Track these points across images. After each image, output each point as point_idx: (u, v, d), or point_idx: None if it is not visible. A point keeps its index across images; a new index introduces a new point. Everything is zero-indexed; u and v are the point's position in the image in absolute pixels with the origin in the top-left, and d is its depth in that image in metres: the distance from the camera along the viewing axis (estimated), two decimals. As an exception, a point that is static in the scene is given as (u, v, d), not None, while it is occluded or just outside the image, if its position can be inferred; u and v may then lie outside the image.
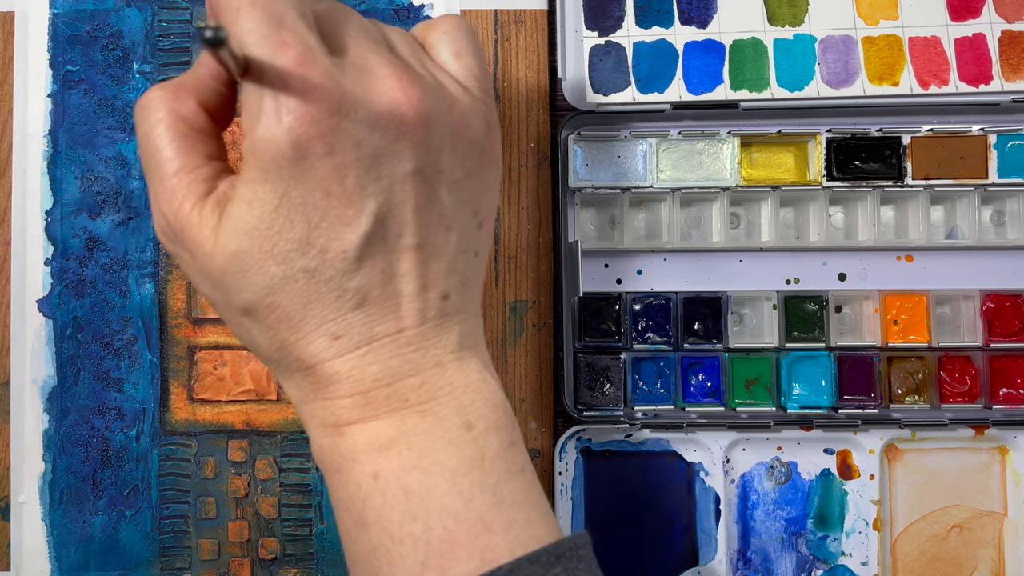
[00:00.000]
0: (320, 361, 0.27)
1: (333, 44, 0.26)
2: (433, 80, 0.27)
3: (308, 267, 0.26)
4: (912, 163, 0.43)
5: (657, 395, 0.43)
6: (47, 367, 0.43)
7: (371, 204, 0.26)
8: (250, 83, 0.25)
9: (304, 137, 0.25)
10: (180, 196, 0.26)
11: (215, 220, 0.26)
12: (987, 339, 0.43)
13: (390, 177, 0.26)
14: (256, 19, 0.25)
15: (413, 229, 0.27)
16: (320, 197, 0.25)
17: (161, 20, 0.44)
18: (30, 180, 0.43)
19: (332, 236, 0.26)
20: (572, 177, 0.43)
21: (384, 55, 0.26)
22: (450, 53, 0.29)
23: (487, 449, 0.28)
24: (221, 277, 0.26)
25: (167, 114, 0.27)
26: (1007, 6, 0.44)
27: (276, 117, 0.24)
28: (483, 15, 0.44)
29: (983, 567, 0.44)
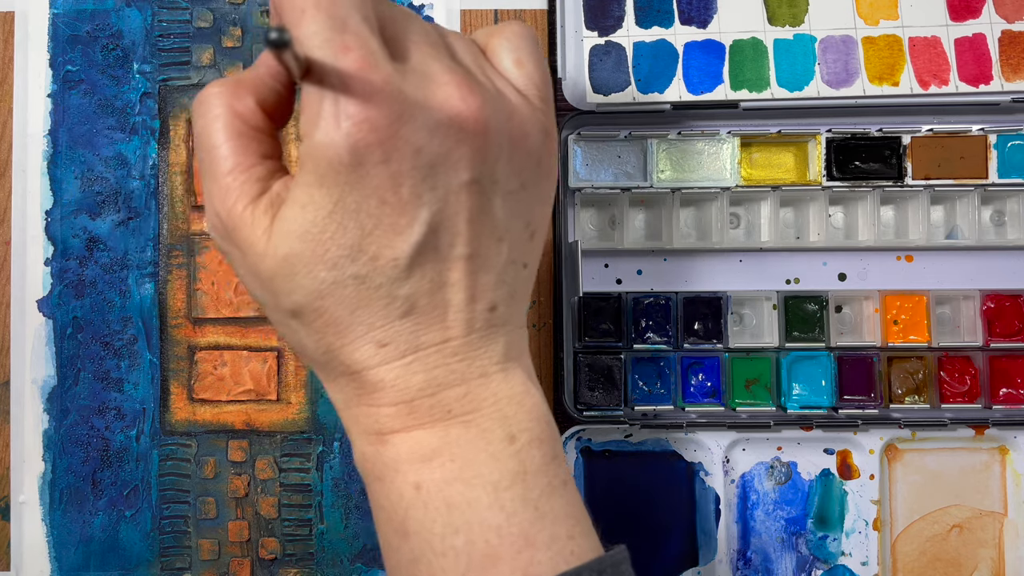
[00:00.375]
0: (365, 368, 0.27)
1: (395, 48, 0.26)
2: (494, 88, 0.27)
3: (359, 273, 0.26)
4: (912, 163, 0.43)
5: (657, 395, 0.43)
6: (47, 367, 0.43)
7: (424, 213, 0.26)
8: (311, 86, 0.25)
9: (363, 143, 0.24)
10: (234, 195, 0.26)
11: (267, 221, 0.26)
12: (987, 339, 0.43)
13: (445, 187, 0.26)
14: (320, 22, 0.24)
15: (465, 239, 0.26)
16: (375, 204, 0.25)
17: (161, 20, 0.44)
18: (30, 180, 0.43)
19: (384, 244, 0.26)
20: (572, 177, 0.43)
21: (446, 61, 0.26)
22: (512, 61, 0.29)
23: (530, 463, 0.27)
24: (271, 279, 0.26)
25: (224, 111, 0.27)
26: (1007, 6, 0.44)
27: (335, 122, 0.24)
28: (483, 15, 0.44)
29: (983, 567, 0.44)
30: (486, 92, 0.26)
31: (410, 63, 0.26)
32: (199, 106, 0.27)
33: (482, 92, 0.26)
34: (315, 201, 0.25)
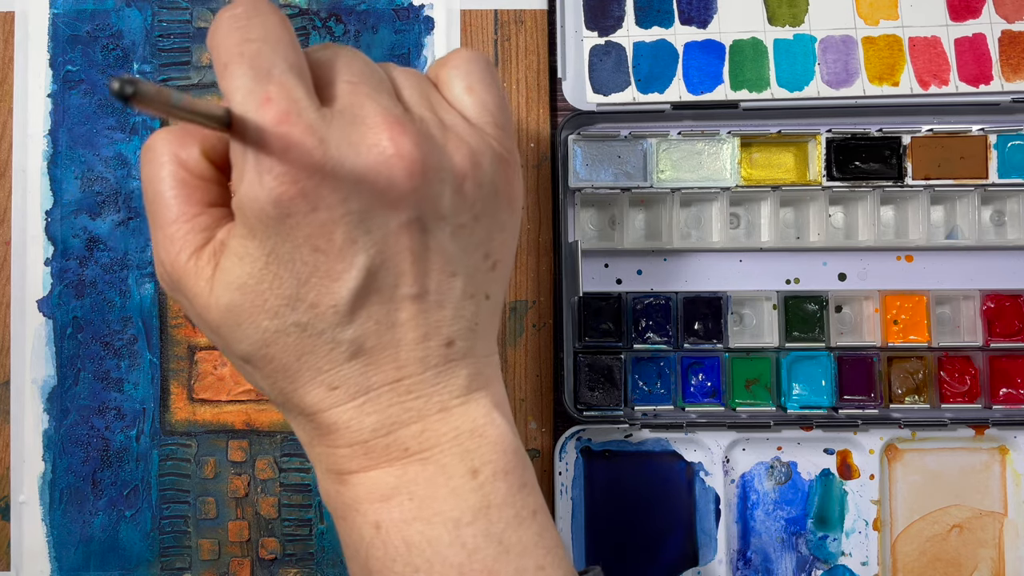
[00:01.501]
0: (318, 410, 0.27)
1: (326, 93, 0.26)
2: (436, 123, 0.27)
3: (299, 321, 0.26)
4: (912, 163, 0.43)
5: (657, 395, 0.43)
6: (47, 367, 0.43)
7: (361, 258, 0.25)
8: (235, 139, 0.24)
9: (285, 196, 0.24)
10: (178, 245, 0.26)
11: (211, 271, 0.26)
12: (987, 339, 0.43)
13: (383, 229, 0.25)
14: (243, 74, 0.24)
15: (411, 278, 0.26)
16: (308, 253, 0.25)
17: (161, 20, 0.44)
18: (30, 180, 0.43)
19: (323, 291, 0.25)
20: (572, 177, 0.43)
21: (382, 102, 0.26)
22: (462, 88, 0.28)
23: (494, 496, 0.27)
24: (217, 328, 0.26)
25: (169, 159, 0.27)
26: (1007, 6, 0.44)
27: (257, 176, 0.24)
28: (483, 15, 0.44)
29: (983, 567, 0.44)
30: (421, 130, 0.26)
31: (339, 107, 0.25)
32: (145, 154, 0.27)
33: (415, 131, 0.25)
34: (250, 253, 0.25)
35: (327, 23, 0.44)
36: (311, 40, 0.44)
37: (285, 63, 0.24)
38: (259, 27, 0.25)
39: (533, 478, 0.29)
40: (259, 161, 0.24)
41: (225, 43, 0.25)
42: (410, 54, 0.44)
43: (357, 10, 0.44)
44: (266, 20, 0.25)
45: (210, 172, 0.27)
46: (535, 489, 0.28)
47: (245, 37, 0.25)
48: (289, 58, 0.25)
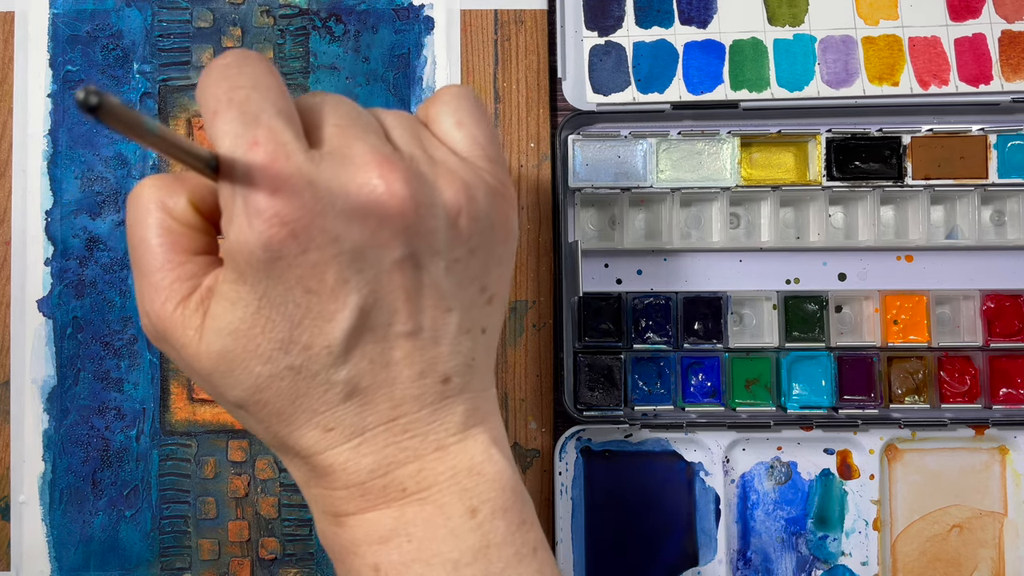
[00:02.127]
0: (314, 453, 0.27)
1: (315, 136, 0.26)
2: (426, 160, 0.26)
3: (293, 364, 0.25)
4: (912, 163, 0.43)
5: (657, 395, 0.43)
6: (47, 367, 0.43)
7: (354, 298, 0.25)
8: (224, 183, 0.24)
9: (275, 239, 0.24)
10: (163, 294, 0.26)
11: (199, 319, 0.26)
12: (987, 339, 0.43)
13: (375, 267, 0.25)
14: (231, 119, 0.24)
15: (405, 316, 0.26)
16: (300, 294, 0.25)
17: (161, 20, 0.44)
18: (30, 180, 0.43)
19: (315, 332, 0.25)
20: (572, 177, 0.43)
21: (370, 141, 0.26)
22: (452, 124, 0.28)
23: (493, 535, 0.27)
24: (209, 376, 0.26)
25: (156, 207, 0.26)
26: (1007, 6, 0.44)
27: (246, 220, 0.24)
28: (483, 15, 0.44)
29: (983, 567, 0.44)
30: (412, 167, 0.26)
31: (327, 148, 0.25)
32: (131, 202, 0.27)
33: (405, 167, 0.25)
34: (241, 298, 0.25)
35: (327, 23, 0.44)
36: (311, 40, 0.44)
37: (273, 108, 0.25)
38: (248, 75, 0.25)
39: (532, 514, 0.28)
40: (248, 204, 0.24)
41: (214, 91, 0.25)
42: (410, 54, 0.44)
43: (357, 10, 0.44)
44: (255, 69, 0.25)
45: (197, 221, 0.27)
46: (535, 525, 0.28)
47: (234, 85, 0.25)
48: (277, 103, 0.25)
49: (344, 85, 0.44)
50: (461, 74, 0.44)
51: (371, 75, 0.44)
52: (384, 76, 0.44)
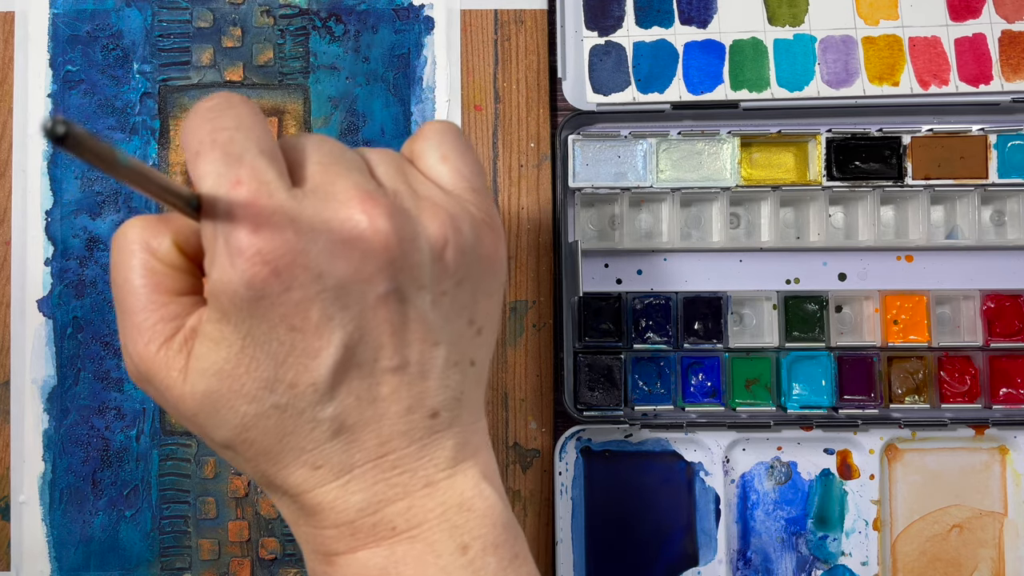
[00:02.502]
0: (303, 491, 0.26)
1: (298, 174, 0.26)
2: (410, 194, 0.26)
3: (279, 403, 0.25)
4: (912, 163, 0.43)
5: (657, 395, 0.43)
6: (47, 367, 0.43)
7: (339, 334, 0.25)
8: (207, 223, 0.24)
9: (258, 278, 0.24)
10: (147, 335, 0.26)
11: (183, 360, 0.26)
12: (987, 339, 0.43)
13: (360, 303, 0.25)
14: (213, 159, 0.24)
15: (391, 351, 0.26)
16: (284, 332, 0.25)
17: (161, 20, 0.44)
18: (30, 180, 0.43)
19: (301, 370, 0.25)
20: (572, 177, 0.43)
21: (353, 178, 0.25)
22: (436, 158, 0.28)
23: (484, 571, 0.27)
24: (194, 416, 0.26)
25: (140, 248, 0.26)
26: (1007, 6, 0.44)
27: (228, 259, 0.24)
28: (483, 15, 0.44)
29: (983, 567, 0.44)
30: (395, 202, 0.26)
31: (310, 186, 0.25)
32: (116, 242, 0.27)
33: (388, 203, 0.25)
34: (225, 337, 0.25)
35: (327, 23, 0.44)
36: (311, 40, 0.44)
37: (256, 148, 0.25)
38: (231, 117, 0.25)
39: (524, 547, 0.28)
40: (229, 243, 0.24)
41: (197, 133, 0.25)
42: (410, 54, 0.44)
43: (357, 10, 0.44)
44: (238, 111, 0.25)
45: (181, 261, 0.27)
46: (527, 559, 0.28)
47: (217, 126, 0.25)
48: (261, 143, 0.25)
49: (344, 85, 0.44)
50: (461, 74, 0.44)
51: (371, 75, 0.44)
52: (384, 76, 0.44)
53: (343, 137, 0.44)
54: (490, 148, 0.44)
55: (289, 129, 0.44)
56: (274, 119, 0.44)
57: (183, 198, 0.24)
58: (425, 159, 0.28)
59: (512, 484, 0.43)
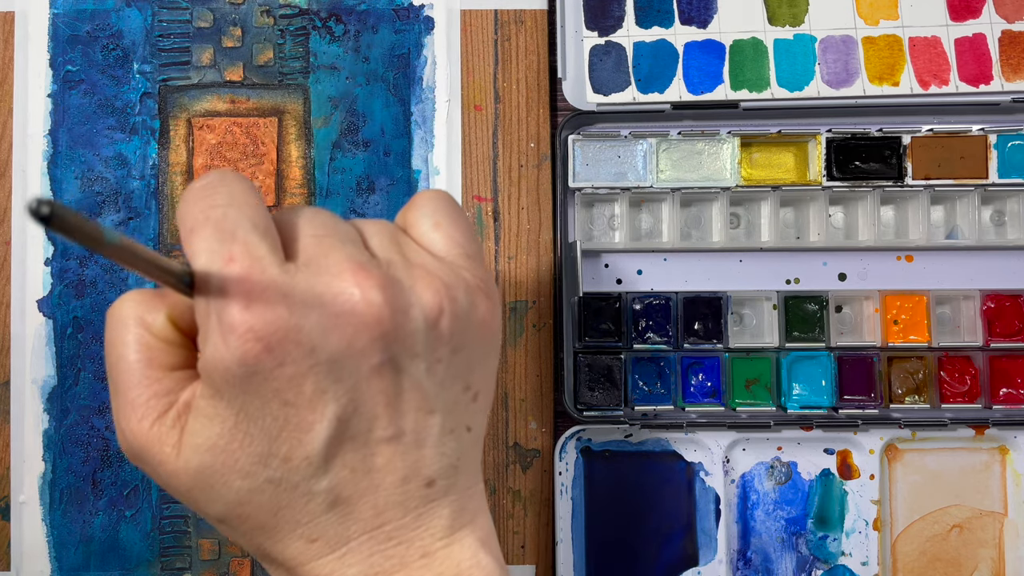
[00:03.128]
0: (299, 564, 0.26)
1: (292, 248, 0.26)
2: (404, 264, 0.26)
3: (273, 477, 0.25)
4: (912, 163, 0.43)
5: (657, 395, 0.43)
6: (47, 367, 0.43)
7: (332, 407, 0.25)
8: (200, 299, 0.25)
9: (251, 354, 0.24)
10: (140, 411, 0.26)
11: (176, 436, 0.26)
12: (987, 339, 0.43)
13: (354, 375, 0.25)
14: (207, 236, 0.24)
15: (386, 422, 0.26)
16: (278, 407, 0.25)
17: (161, 20, 0.44)
18: (30, 180, 0.43)
19: (294, 444, 0.25)
20: (572, 177, 0.43)
21: (346, 250, 0.26)
22: (429, 226, 0.28)
23: None
24: (188, 492, 0.26)
25: (135, 323, 0.26)
26: (1007, 6, 0.44)
27: (221, 336, 0.24)
28: (483, 15, 0.44)
29: (983, 567, 0.44)
30: (389, 272, 0.26)
31: (303, 259, 0.25)
32: (111, 317, 0.27)
33: (381, 274, 0.25)
34: (219, 413, 0.25)
35: (327, 23, 0.44)
36: (311, 40, 0.44)
37: (250, 223, 0.25)
38: (225, 194, 0.25)
39: None
40: (222, 320, 0.24)
41: (191, 210, 0.25)
42: (410, 54, 0.44)
43: (357, 10, 0.44)
44: (232, 187, 0.25)
45: (175, 336, 0.27)
46: None
47: (211, 203, 0.25)
48: (254, 219, 0.25)
49: (344, 85, 0.44)
50: (461, 74, 0.44)
51: (371, 75, 0.44)
52: (384, 76, 0.44)
53: (343, 137, 0.44)
54: (490, 148, 0.44)
55: (289, 129, 0.44)
56: (274, 119, 0.44)
57: (175, 274, 0.24)
58: (419, 227, 0.28)
59: (512, 484, 0.43)
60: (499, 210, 0.44)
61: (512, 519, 0.43)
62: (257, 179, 0.44)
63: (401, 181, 0.44)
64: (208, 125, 0.44)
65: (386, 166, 0.44)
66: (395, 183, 0.44)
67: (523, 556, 0.43)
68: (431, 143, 0.44)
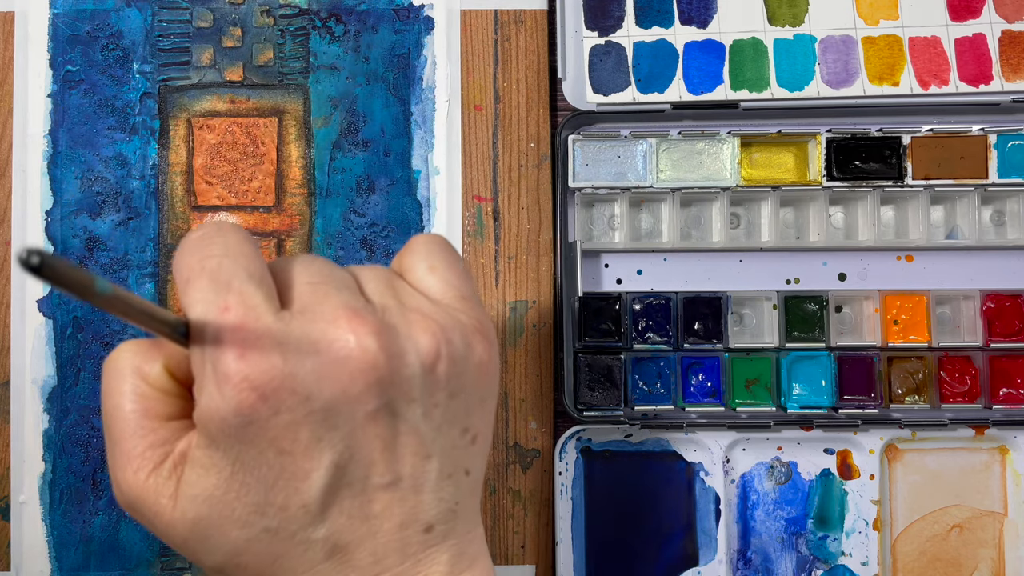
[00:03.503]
0: None
1: (287, 296, 0.26)
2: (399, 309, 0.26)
3: (269, 527, 0.25)
4: (912, 163, 0.43)
5: (657, 395, 0.43)
6: (47, 367, 0.43)
7: (328, 455, 0.25)
8: (195, 349, 0.25)
9: (246, 404, 0.24)
10: (136, 462, 0.26)
11: (172, 487, 0.26)
12: (987, 339, 0.43)
13: (350, 422, 0.25)
14: (202, 287, 0.24)
15: (382, 467, 0.25)
16: (274, 456, 0.25)
17: (161, 20, 0.44)
18: (30, 180, 0.43)
19: (291, 492, 0.25)
20: (572, 177, 0.43)
21: (342, 297, 0.26)
22: (424, 270, 0.28)
23: None
24: (185, 543, 0.26)
25: (132, 373, 0.26)
26: (1007, 6, 0.44)
27: (216, 386, 0.24)
28: (483, 15, 0.44)
29: (983, 567, 0.44)
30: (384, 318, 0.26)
31: (298, 307, 0.25)
32: (107, 368, 0.27)
33: (376, 320, 0.25)
34: (215, 463, 0.25)
35: (327, 23, 0.44)
36: (311, 40, 0.44)
37: (245, 273, 0.25)
38: (220, 244, 0.25)
39: None
40: (217, 370, 0.24)
41: (187, 261, 0.25)
42: (410, 54, 0.44)
43: (357, 10, 0.44)
44: (228, 238, 0.25)
45: (171, 386, 0.27)
46: None
47: (207, 254, 0.25)
48: (250, 268, 0.25)
49: (344, 85, 0.44)
50: (461, 74, 0.44)
51: (371, 75, 0.44)
52: (384, 76, 0.44)
53: (343, 137, 0.44)
54: (490, 148, 0.44)
55: (289, 129, 0.44)
56: (274, 119, 0.44)
57: (170, 324, 0.24)
58: (414, 272, 0.28)
59: (512, 484, 0.43)
60: (499, 210, 0.44)
61: (512, 519, 0.43)
62: (257, 179, 0.44)
63: (401, 181, 0.44)
64: (208, 125, 0.44)
65: (386, 166, 0.44)
66: (395, 183, 0.44)
67: (523, 556, 0.43)
68: (431, 143, 0.44)
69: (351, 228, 0.44)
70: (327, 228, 0.44)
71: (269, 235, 0.44)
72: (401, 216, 0.44)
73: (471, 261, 0.44)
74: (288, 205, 0.44)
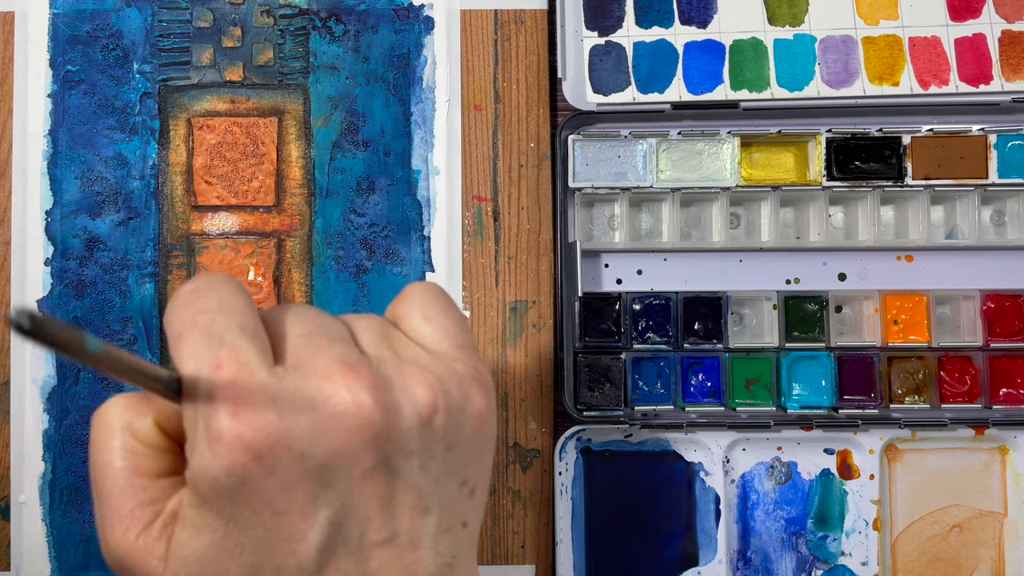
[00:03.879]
0: None
1: (280, 349, 0.25)
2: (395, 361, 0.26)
3: None
4: (912, 163, 0.43)
5: (657, 395, 0.43)
6: (47, 367, 0.43)
7: (324, 513, 0.24)
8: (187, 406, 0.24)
9: (239, 464, 0.23)
10: (125, 523, 0.25)
11: (163, 548, 0.25)
12: (987, 339, 0.43)
13: (346, 479, 0.24)
14: (195, 342, 0.24)
15: (379, 524, 0.25)
16: (269, 516, 0.24)
17: (161, 20, 0.44)
18: (30, 180, 0.43)
19: (287, 552, 0.24)
20: (572, 177, 0.43)
21: (336, 350, 0.25)
22: (420, 319, 0.28)
23: None
24: None
25: (121, 428, 0.26)
26: (1007, 6, 0.44)
27: (208, 446, 0.23)
28: (483, 15, 0.44)
29: (983, 567, 0.44)
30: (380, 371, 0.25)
31: (292, 362, 0.25)
32: (96, 421, 0.26)
33: (371, 374, 0.25)
34: (208, 524, 0.24)
35: (327, 23, 0.44)
36: (311, 40, 0.44)
37: (238, 328, 0.24)
38: (213, 298, 0.25)
39: None
40: (209, 428, 0.23)
41: (180, 315, 0.25)
42: (410, 54, 0.44)
43: (357, 10, 0.44)
44: (220, 291, 0.25)
45: (162, 442, 0.26)
46: None
47: (199, 308, 0.25)
48: (243, 322, 0.24)
49: (344, 85, 0.44)
50: (461, 74, 0.44)
51: (371, 75, 0.44)
52: (384, 76, 0.44)
53: (343, 137, 0.44)
54: (490, 148, 0.44)
55: (289, 129, 0.44)
56: (274, 119, 0.44)
57: (162, 381, 0.24)
58: (409, 321, 0.28)
59: (512, 484, 0.43)
60: (499, 210, 0.44)
61: (512, 519, 0.43)
62: (257, 179, 0.44)
63: (401, 181, 0.44)
64: (208, 125, 0.44)
65: (386, 166, 0.44)
66: (395, 183, 0.44)
67: (523, 556, 0.43)
68: (431, 143, 0.44)
69: (351, 228, 0.44)
70: (327, 228, 0.44)
71: (269, 235, 0.44)
72: (401, 216, 0.44)
73: (471, 261, 0.44)
74: (288, 205, 0.44)
